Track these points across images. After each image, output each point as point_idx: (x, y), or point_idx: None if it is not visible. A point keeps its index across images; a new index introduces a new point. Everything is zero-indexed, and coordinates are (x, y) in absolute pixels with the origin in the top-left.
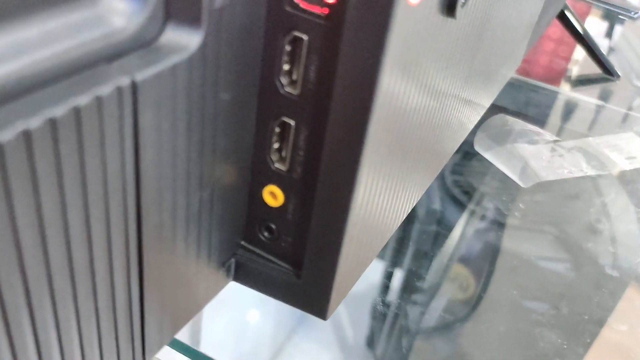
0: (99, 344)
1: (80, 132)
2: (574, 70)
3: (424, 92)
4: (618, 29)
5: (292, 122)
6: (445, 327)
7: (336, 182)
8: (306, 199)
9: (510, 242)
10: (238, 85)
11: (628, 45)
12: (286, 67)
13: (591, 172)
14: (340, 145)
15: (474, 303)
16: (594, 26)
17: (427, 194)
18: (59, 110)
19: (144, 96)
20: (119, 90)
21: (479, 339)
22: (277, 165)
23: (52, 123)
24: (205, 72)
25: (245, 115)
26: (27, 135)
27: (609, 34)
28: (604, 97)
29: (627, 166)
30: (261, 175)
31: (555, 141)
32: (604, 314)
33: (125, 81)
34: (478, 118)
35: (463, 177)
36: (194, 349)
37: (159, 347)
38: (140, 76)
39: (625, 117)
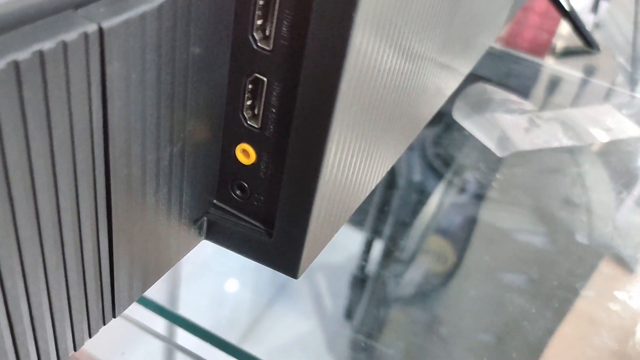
0: (67, 296)
1: (45, 78)
2: (559, 44)
3: (399, 52)
4: (603, 4)
5: (265, 79)
6: (420, 297)
7: (308, 139)
8: (278, 157)
9: (487, 213)
10: (210, 39)
11: (613, 22)
12: (259, 21)
13: (567, 142)
14: (312, 103)
15: (450, 273)
16: (580, 1)
17: (408, 165)
18: (23, 54)
19: (111, 44)
20: (85, 36)
21: (453, 307)
22: (250, 122)
23: (16, 66)
24: (175, 24)
25: (218, 70)
26: None
27: (594, 9)
28: (586, 70)
29: (604, 138)
30: (234, 132)
31: (533, 111)
32: (573, 280)
33: (92, 27)
34: (456, 85)
35: (443, 149)
36: (174, 313)
37: (129, 303)
38: (108, 23)
39: (605, 91)
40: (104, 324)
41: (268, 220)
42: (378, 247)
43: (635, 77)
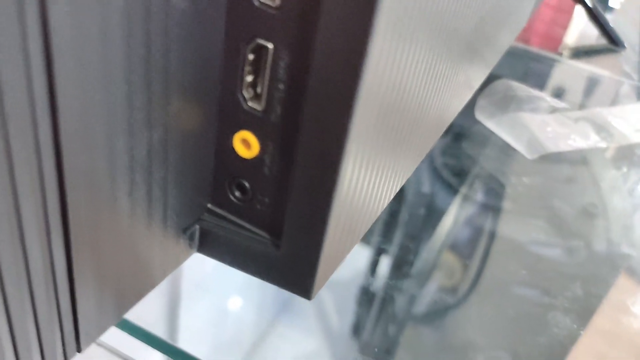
0: (9, 328)
1: None
2: (575, 40)
3: (435, 22)
4: (608, 14)
5: (270, 45)
6: (431, 313)
7: (325, 124)
8: (287, 148)
9: (504, 225)
10: None
11: (619, 30)
12: None
13: (600, 143)
14: (331, 76)
15: (465, 289)
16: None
17: (416, 173)
18: None
19: None
20: None
21: (467, 324)
22: (250, 104)
23: None
24: None
25: (209, 34)
26: None
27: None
28: (608, 68)
29: (636, 138)
30: (231, 117)
31: (562, 109)
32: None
33: None
34: (483, 78)
35: (453, 159)
36: (167, 343)
37: (99, 334)
38: None
39: (631, 89)
40: None
41: (275, 227)
42: (387, 260)
43: None
